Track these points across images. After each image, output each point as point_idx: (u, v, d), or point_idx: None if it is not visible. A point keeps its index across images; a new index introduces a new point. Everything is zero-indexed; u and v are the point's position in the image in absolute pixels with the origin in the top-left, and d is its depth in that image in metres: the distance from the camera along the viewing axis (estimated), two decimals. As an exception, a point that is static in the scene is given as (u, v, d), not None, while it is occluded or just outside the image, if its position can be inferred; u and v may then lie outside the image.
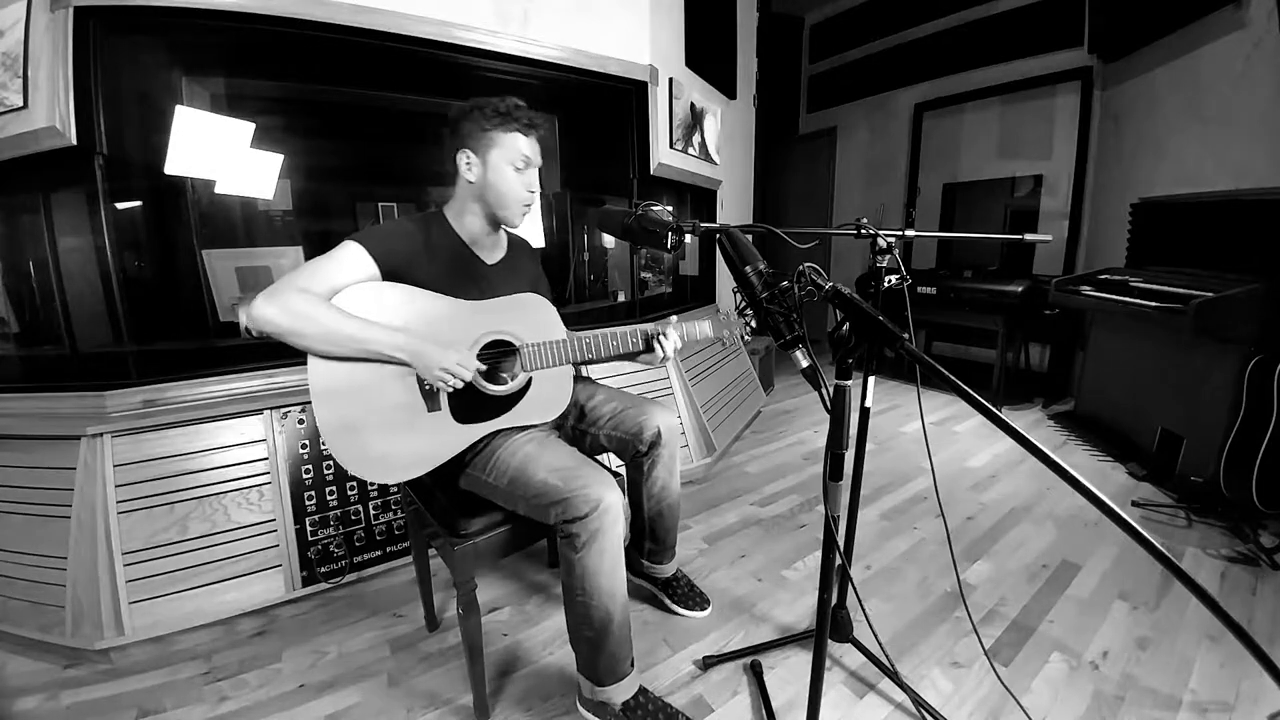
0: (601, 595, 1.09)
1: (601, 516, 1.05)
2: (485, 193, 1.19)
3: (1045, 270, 3.52)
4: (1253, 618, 1.48)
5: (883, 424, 3.01)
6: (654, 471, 1.38)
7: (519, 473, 1.12)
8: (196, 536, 1.46)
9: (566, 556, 1.09)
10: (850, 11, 4.59)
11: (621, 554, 1.11)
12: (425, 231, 1.19)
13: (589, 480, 1.07)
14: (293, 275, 1.05)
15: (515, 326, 1.21)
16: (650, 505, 1.42)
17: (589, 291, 2.87)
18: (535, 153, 1.21)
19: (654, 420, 1.34)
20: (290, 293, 1.02)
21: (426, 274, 1.15)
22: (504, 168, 1.17)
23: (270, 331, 1.01)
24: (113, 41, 1.44)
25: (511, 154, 1.17)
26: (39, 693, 1.30)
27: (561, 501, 1.06)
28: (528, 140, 1.19)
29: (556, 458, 1.14)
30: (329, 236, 2.27)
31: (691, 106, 2.74)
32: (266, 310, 1.00)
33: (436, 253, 1.19)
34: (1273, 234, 2.02)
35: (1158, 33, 2.77)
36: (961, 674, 1.32)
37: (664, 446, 1.36)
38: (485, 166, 1.17)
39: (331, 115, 2.23)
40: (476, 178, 1.18)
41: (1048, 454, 0.56)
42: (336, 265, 1.08)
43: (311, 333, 1.02)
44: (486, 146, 1.16)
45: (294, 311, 1.01)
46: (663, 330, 1.27)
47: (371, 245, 1.10)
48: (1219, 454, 1.97)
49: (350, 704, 1.26)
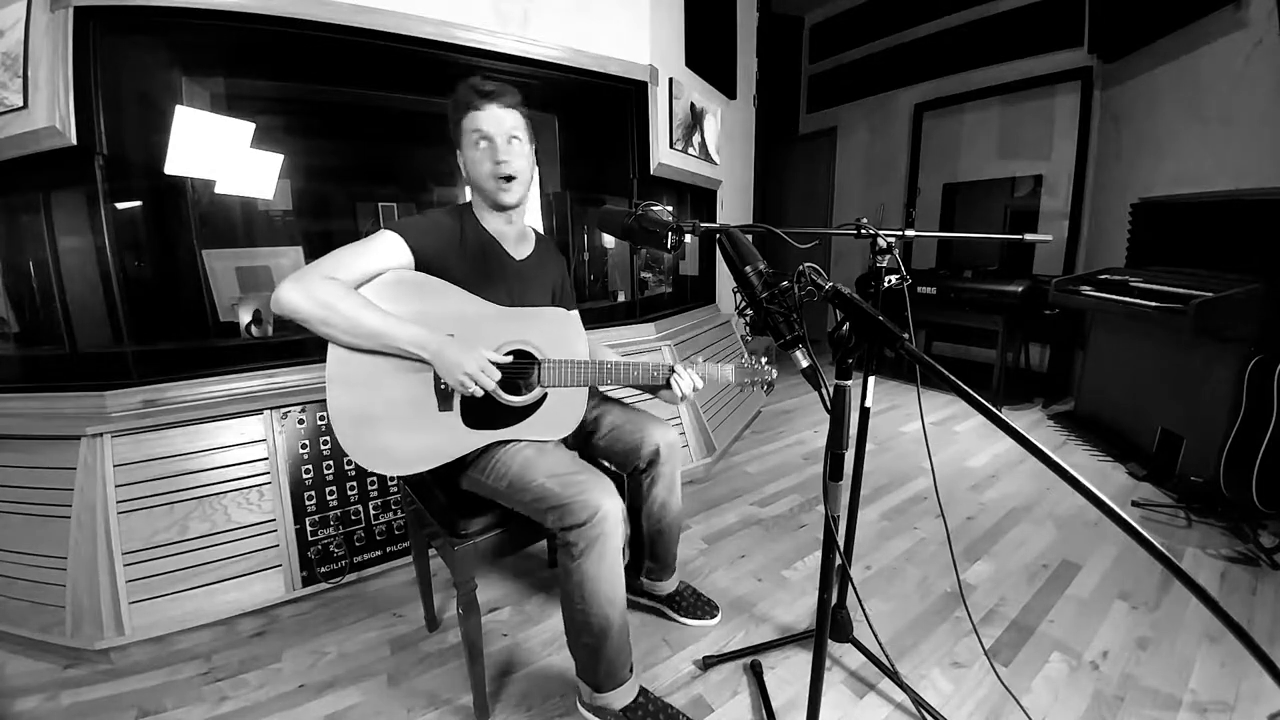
0: (600, 602, 1.07)
1: (600, 524, 1.03)
2: (471, 181, 1.21)
3: (1045, 270, 3.52)
4: (1253, 618, 1.48)
5: (883, 424, 3.01)
6: (653, 490, 1.33)
7: (518, 476, 1.11)
8: (196, 536, 1.46)
9: (564, 564, 1.08)
10: (850, 11, 4.59)
11: (620, 561, 1.10)
12: (459, 224, 1.21)
13: (587, 487, 1.06)
14: (323, 262, 1.05)
15: (539, 338, 1.19)
16: (650, 525, 1.38)
17: (589, 291, 2.87)
18: (495, 122, 1.15)
19: (653, 437, 1.29)
20: (317, 279, 1.01)
21: (458, 268, 1.16)
22: (470, 151, 1.18)
23: (293, 317, 1.00)
24: (112, 41, 1.44)
25: (471, 136, 1.17)
26: (39, 693, 1.30)
27: (559, 507, 1.05)
28: (482, 114, 1.15)
29: (557, 463, 1.12)
30: (329, 236, 2.29)
31: (691, 106, 2.74)
32: (291, 295, 0.99)
33: (468, 246, 1.20)
34: (1273, 234, 2.02)
35: (1158, 33, 2.77)
36: (961, 674, 1.32)
37: (664, 464, 1.31)
38: (464, 159, 1.20)
39: (331, 115, 2.23)
40: (464, 170, 1.21)
41: (1048, 454, 0.56)
42: (370, 253, 1.08)
43: (335, 322, 1.01)
44: (459, 139, 1.19)
45: (319, 299, 1.00)
46: (682, 370, 1.22)
47: (410, 236, 1.11)
48: (1219, 454, 1.97)
49: (350, 704, 1.26)
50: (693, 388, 1.22)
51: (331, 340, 1.04)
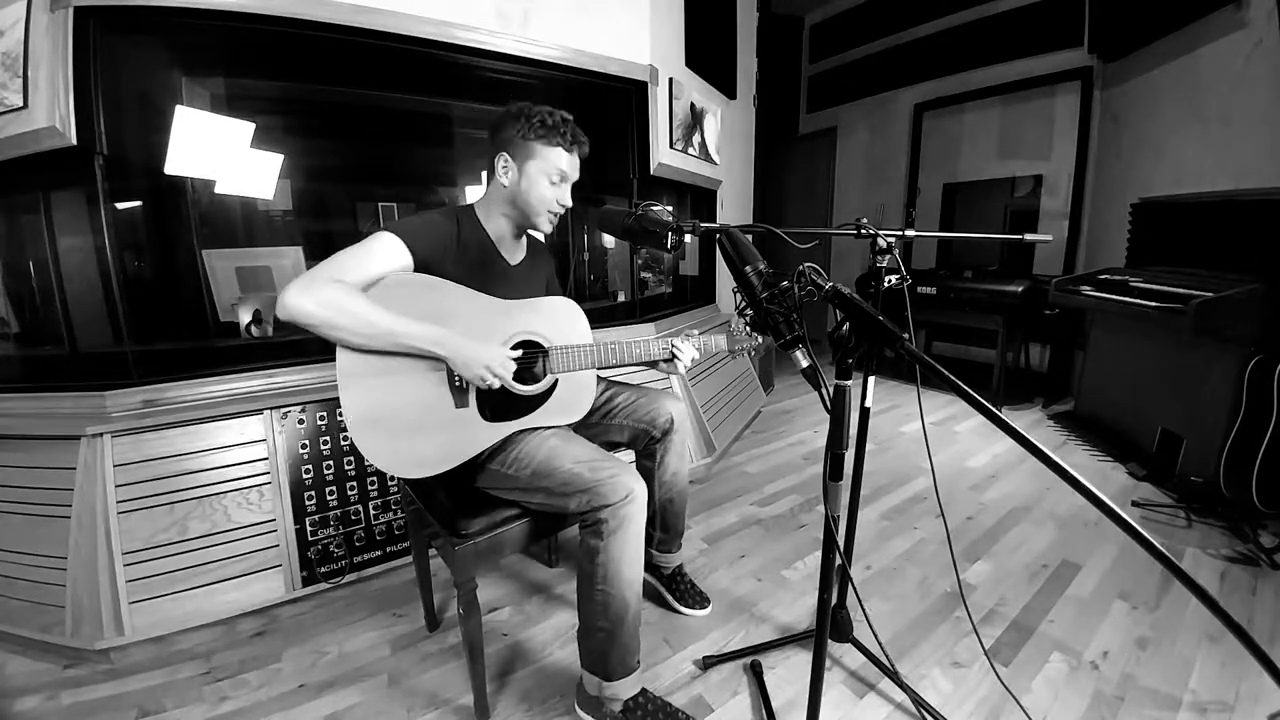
0: (622, 584, 1.10)
1: (631, 504, 1.08)
2: (517, 199, 1.21)
3: (1045, 270, 3.52)
4: (1253, 618, 1.48)
5: (883, 424, 3.01)
6: (666, 458, 1.42)
7: (544, 464, 1.13)
8: (196, 536, 1.46)
9: (591, 544, 1.10)
10: (850, 11, 4.59)
11: (643, 544, 1.13)
12: (456, 225, 1.21)
13: (618, 470, 1.10)
14: (324, 265, 1.04)
15: (545, 328, 1.23)
16: (662, 492, 1.44)
17: (589, 291, 2.87)
18: (574, 169, 1.24)
19: (666, 408, 1.40)
20: (323, 283, 1.00)
21: (456, 268, 1.16)
22: (540, 179, 1.19)
23: (302, 323, 0.99)
24: (112, 41, 1.44)
25: (549, 168, 1.19)
26: (39, 693, 1.30)
27: (588, 490, 1.08)
28: (569, 157, 1.21)
29: (583, 451, 1.16)
30: (329, 236, 2.29)
31: (691, 106, 2.74)
32: (300, 300, 0.98)
33: (466, 248, 1.21)
34: (1273, 234, 2.02)
35: (1158, 33, 2.77)
36: (961, 674, 1.32)
37: (676, 433, 1.41)
38: (521, 174, 1.19)
39: (331, 115, 2.23)
40: (510, 183, 1.20)
41: (1048, 454, 0.56)
42: (371, 255, 1.08)
43: (346, 325, 1.00)
44: (526, 155, 1.18)
45: (328, 303, 0.99)
46: (681, 344, 1.31)
47: (407, 236, 1.11)
48: (1219, 454, 1.97)
49: (350, 704, 1.26)
50: (692, 358, 1.32)
51: (341, 343, 1.03)
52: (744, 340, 1.36)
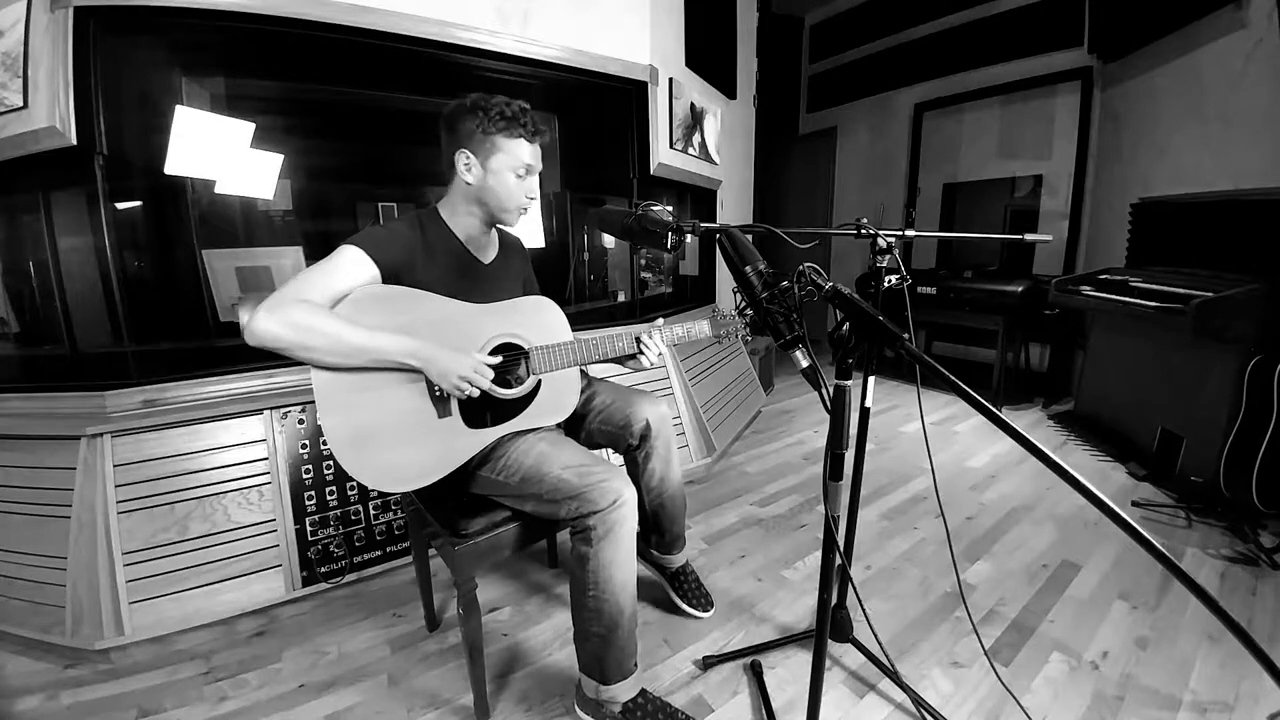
0: (614, 589, 1.09)
1: (620, 509, 1.07)
2: (484, 196, 1.18)
3: (1045, 270, 3.51)
4: (1253, 618, 1.48)
5: (883, 424, 3.01)
6: (649, 464, 1.37)
7: (533, 470, 1.12)
8: (196, 536, 1.46)
9: (580, 551, 1.09)
10: (850, 11, 4.59)
11: (634, 547, 1.12)
12: (422, 231, 1.18)
13: (606, 475, 1.08)
14: (290, 286, 1.01)
15: (522, 329, 1.21)
16: (650, 499, 1.40)
17: (589, 291, 2.87)
18: (538, 159, 1.21)
19: (641, 412, 1.33)
20: (290, 305, 0.97)
21: (426, 275, 1.14)
22: (505, 174, 1.16)
23: (273, 347, 0.96)
24: (112, 41, 1.44)
25: (514, 161, 1.16)
26: (39, 693, 1.30)
27: (577, 496, 1.07)
28: (531, 147, 1.18)
29: (571, 455, 1.14)
30: (329, 236, 2.28)
31: (691, 106, 2.74)
32: (268, 325, 0.95)
33: (434, 253, 1.18)
34: (1273, 234, 2.02)
35: (1158, 33, 2.77)
36: (961, 674, 1.32)
37: (655, 438, 1.35)
38: (486, 171, 1.16)
39: (331, 115, 2.23)
40: (476, 180, 1.17)
41: (1048, 454, 0.56)
42: (336, 271, 1.05)
43: (318, 345, 0.98)
44: (489, 151, 1.15)
45: (297, 324, 0.96)
46: (647, 335, 1.27)
47: (370, 248, 1.08)
48: (1219, 454, 1.97)
49: (350, 704, 1.26)
50: (657, 351, 1.27)
51: (313, 364, 1.00)
52: (728, 324, 1.33)
